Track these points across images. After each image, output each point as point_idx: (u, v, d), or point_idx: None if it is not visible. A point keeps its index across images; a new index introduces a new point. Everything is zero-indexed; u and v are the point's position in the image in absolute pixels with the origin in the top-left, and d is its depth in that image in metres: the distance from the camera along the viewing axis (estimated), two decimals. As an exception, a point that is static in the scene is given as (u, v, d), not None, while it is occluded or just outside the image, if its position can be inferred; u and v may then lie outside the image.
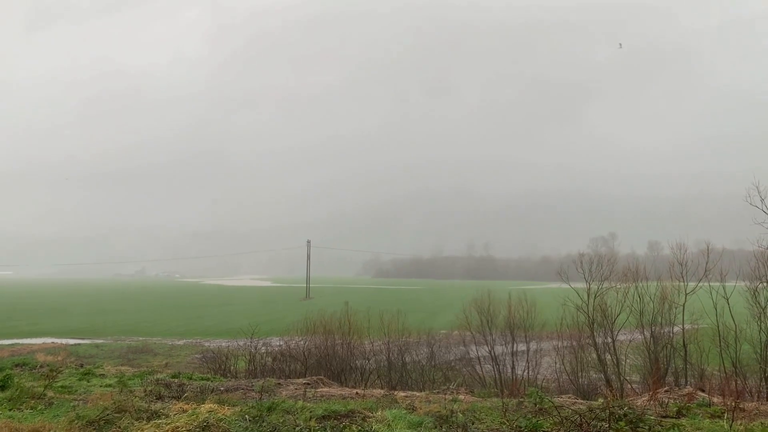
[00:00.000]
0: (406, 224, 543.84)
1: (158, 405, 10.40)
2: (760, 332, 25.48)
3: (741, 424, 8.29)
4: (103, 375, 16.51)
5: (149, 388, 12.76)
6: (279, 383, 15.19)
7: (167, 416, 9.36)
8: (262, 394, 12.39)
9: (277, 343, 31.68)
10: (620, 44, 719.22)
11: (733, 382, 22.14)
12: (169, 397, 11.83)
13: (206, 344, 51.12)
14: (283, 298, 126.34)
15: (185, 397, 11.50)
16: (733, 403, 9.08)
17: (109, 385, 13.85)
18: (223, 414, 9.36)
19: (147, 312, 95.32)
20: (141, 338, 60.29)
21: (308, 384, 15.44)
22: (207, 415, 9.34)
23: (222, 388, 13.52)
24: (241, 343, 29.20)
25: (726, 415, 8.85)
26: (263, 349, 28.85)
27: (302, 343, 28.88)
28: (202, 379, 16.43)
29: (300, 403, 10.49)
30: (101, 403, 10.13)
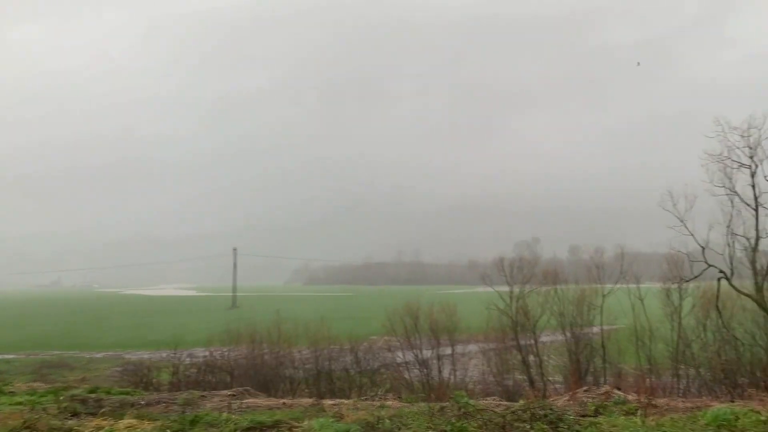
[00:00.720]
0: (336, 231, 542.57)
1: (73, 422, 9.93)
2: (672, 331, 26.90)
3: (653, 420, 8.68)
4: (13, 392, 15.60)
5: (64, 405, 12.17)
6: (203, 395, 14.80)
7: (82, 433, 8.96)
8: (184, 407, 12.03)
9: (203, 354, 30.88)
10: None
11: (648, 380, 23.28)
12: (85, 413, 11.30)
13: (127, 356, 49.16)
14: (208, 308, 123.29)
15: (102, 412, 11.02)
16: (646, 400, 9.51)
17: (20, 403, 13.10)
18: (142, 429, 9.03)
19: (62, 324, 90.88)
20: (56, 352, 57.41)
21: (234, 395, 15.11)
22: (125, 430, 9.00)
23: (143, 402, 13.04)
24: (165, 354, 28.29)
25: (639, 411, 9.25)
26: (188, 361, 28.08)
27: (228, 353, 28.31)
28: (122, 393, 15.79)
29: (225, 415, 10.25)
30: (10, 422, 9.57)
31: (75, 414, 11.23)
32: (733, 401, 12.83)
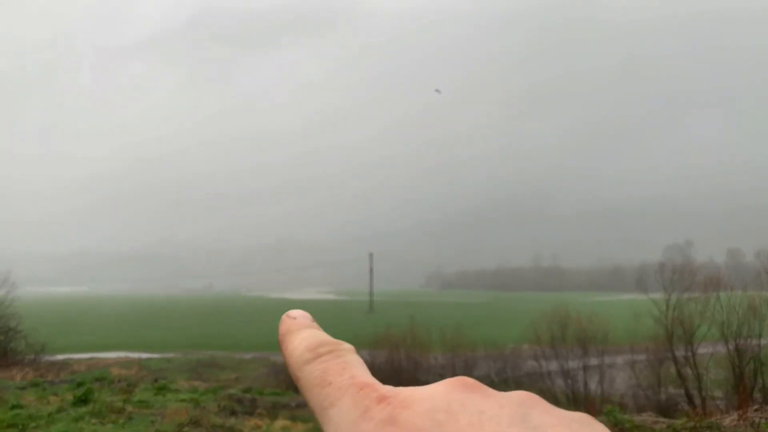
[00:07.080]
0: (470, 236, 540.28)
1: (232, 420, 10.47)
2: None
3: None
4: (177, 390, 16.83)
5: (222, 404, 12.90)
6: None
7: (242, 432, 9.38)
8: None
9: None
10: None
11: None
12: (241, 412, 11.90)
13: (273, 358, 51.61)
14: (346, 312, 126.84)
15: (258, 413, 11.54)
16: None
17: (183, 400, 14.08)
18: (296, 430, 9.31)
19: (213, 325, 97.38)
20: (208, 352, 61.44)
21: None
22: (280, 431, 9.32)
23: (293, 404, 13.52)
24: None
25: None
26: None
27: (370, 357, 28.85)
28: (273, 393, 16.52)
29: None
30: (177, 418, 10.27)
31: (233, 413, 11.86)
32: None
